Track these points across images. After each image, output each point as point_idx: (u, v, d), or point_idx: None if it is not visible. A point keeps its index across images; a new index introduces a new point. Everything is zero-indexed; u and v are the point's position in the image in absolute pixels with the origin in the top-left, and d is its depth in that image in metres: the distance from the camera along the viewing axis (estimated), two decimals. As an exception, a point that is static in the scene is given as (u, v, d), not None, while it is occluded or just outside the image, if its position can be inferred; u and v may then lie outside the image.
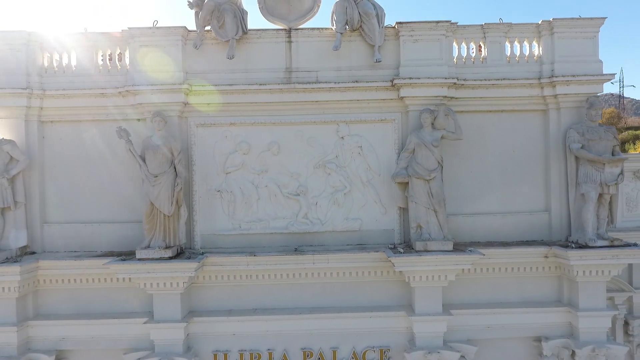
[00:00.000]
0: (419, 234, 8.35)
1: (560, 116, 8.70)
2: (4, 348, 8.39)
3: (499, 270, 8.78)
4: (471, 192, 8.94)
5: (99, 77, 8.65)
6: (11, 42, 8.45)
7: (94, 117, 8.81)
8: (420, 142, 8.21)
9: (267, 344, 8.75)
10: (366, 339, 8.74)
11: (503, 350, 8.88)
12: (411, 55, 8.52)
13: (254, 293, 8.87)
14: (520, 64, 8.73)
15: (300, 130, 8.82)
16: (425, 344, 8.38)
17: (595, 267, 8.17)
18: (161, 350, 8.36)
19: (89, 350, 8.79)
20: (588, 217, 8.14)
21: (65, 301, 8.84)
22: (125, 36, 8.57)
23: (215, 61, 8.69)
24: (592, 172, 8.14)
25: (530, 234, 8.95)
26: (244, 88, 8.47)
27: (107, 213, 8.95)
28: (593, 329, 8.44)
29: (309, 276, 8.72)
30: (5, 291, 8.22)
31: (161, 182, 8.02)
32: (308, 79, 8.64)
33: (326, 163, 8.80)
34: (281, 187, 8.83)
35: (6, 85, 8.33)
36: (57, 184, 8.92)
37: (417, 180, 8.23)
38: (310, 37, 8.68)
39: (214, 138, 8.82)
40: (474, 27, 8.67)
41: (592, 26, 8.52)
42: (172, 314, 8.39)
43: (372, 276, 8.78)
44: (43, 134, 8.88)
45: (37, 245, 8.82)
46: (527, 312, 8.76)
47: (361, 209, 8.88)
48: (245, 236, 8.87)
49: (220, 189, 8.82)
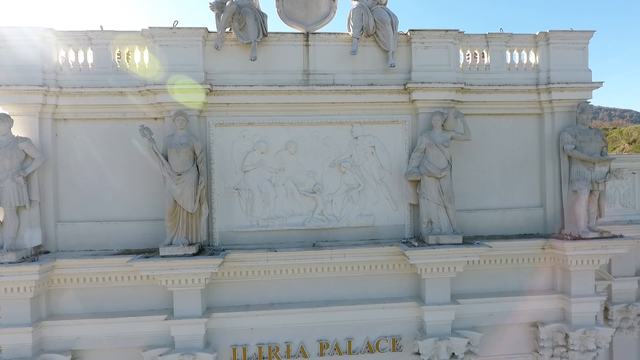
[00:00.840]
0: (430, 228, 8.89)
1: (554, 120, 9.51)
2: (18, 349, 8.24)
3: (500, 261, 9.47)
4: (474, 189, 9.59)
5: (117, 76, 8.65)
6: (27, 39, 8.31)
7: (110, 115, 8.79)
8: (431, 142, 8.76)
9: (284, 337, 9.04)
10: (379, 329, 9.20)
11: (503, 335, 9.59)
12: (422, 60, 9.06)
13: (270, 288, 9.13)
14: (520, 71, 9.47)
15: (316, 130, 9.17)
16: (435, 331, 8.94)
17: (586, 257, 9.01)
18: (182, 346, 8.47)
19: (103, 349, 8.77)
20: (580, 212, 8.96)
21: (78, 300, 8.76)
22: (144, 35, 8.62)
23: (234, 62, 8.90)
24: (584, 170, 8.97)
25: (527, 227, 9.71)
26: (264, 89, 8.72)
27: (122, 211, 8.95)
28: (584, 314, 9.29)
29: (324, 270, 9.08)
30: (21, 291, 8.10)
31: (184, 180, 8.15)
32: (325, 81, 9.01)
33: (341, 162, 9.20)
34: (298, 185, 9.15)
35: (22, 82, 8.19)
36: (70, 182, 8.83)
37: (428, 178, 8.78)
38: (326, 41, 9.04)
39: (232, 137, 9.02)
40: (478, 36, 9.32)
41: (583, 38, 9.38)
42: (193, 310, 8.53)
43: (384, 269, 9.25)
44: (56, 132, 8.77)
45: (51, 244, 8.70)
46: (525, 299, 9.50)
47: (374, 206, 9.34)
48: (263, 233, 9.12)
49: (239, 187, 9.03)
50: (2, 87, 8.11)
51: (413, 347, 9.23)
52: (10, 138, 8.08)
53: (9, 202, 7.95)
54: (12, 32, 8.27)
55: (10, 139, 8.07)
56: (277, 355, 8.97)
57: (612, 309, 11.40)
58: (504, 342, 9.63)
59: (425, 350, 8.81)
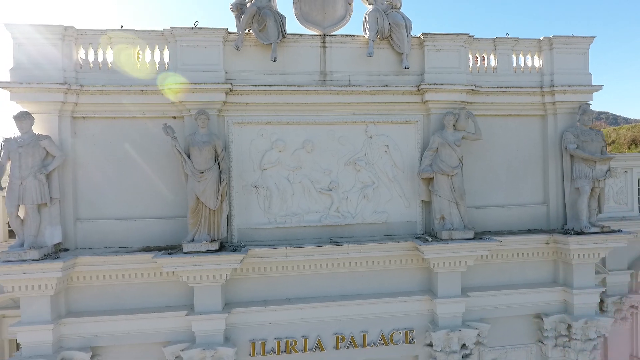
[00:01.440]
0: (442, 224, 9.26)
1: (557, 120, 10.00)
2: (38, 347, 8.24)
3: (506, 256, 9.90)
4: (482, 187, 10.00)
5: (138, 74, 8.73)
6: (47, 37, 8.33)
7: (130, 114, 8.87)
8: (444, 141, 9.13)
9: (301, 331, 9.27)
10: (392, 322, 9.52)
11: (509, 326, 10.03)
12: (434, 63, 9.42)
13: (288, 283, 9.34)
14: (525, 74, 9.93)
15: (332, 130, 9.44)
16: (447, 323, 9.31)
17: (588, 251, 9.52)
18: (202, 341, 8.62)
19: (122, 345, 8.83)
20: (582, 208, 9.46)
21: (96, 298, 8.80)
22: (165, 35, 8.74)
23: (253, 62, 9.09)
24: (586, 169, 9.47)
25: (531, 223, 10.18)
26: (282, 89, 8.94)
27: (141, 209, 9.03)
28: (585, 305, 9.80)
29: (340, 266, 9.34)
30: (42, 288, 8.12)
31: (207, 177, 8.30)
32: (341, 82, 9.28)
33: (356, 160, 9.48)
34: (314, 183, 9.39)
35: (43, 80, 8.22)
36: (89, 180, 8.87)
37: (441, 176, 9.14)
38: (343, 43, 9.32)
39: (250, 136, 9.21)
40: (487, 40, 9.74)
41: (584, 43, 9.90)
42: (213, 306, 8.68)
43: (397, 264, 9.57)
44: (74, 130, 8.80)
45: (70, 242, 8.73)
46: (530, 292, 9.95)
47: (387, 203, 9.65)
48: (280, 229, 9.33)
49: (257, 184, 9.22)
50: (23, 84, 8.11)
51: (425, 339, 9.59)
52: (32, 136, 8.10)
53: (31, 199, 7.96)
54: (32, 30, 8.27)
55: (32, 137, 8.09)
56: (294, 349, 9.19)
57: (607, 301, 12.01)
58: (509, 333, 10.07)
59: (438, 342, 9.17)
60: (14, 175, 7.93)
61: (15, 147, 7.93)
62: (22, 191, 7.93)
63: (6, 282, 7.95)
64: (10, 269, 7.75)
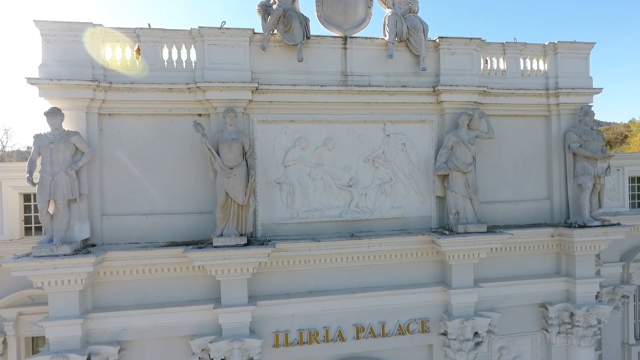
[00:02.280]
0: (456, 218, 9.73)
1: (560, 121, 10.64)
2: (66, 342, 8.31)
3: (512, 249, 10.46)
4: (491, 183, 10.54)
5: (165, 73, 8.89)
6: (75, 34, 8.40)
7: (157, 111, 9.01)
8: (458, 140, 9.61)
9: (323, 322, 9.59)
10: (409, 313, 9.94)
11: (516, 315, 10.60)
12: (449, 65, 9.90)
13: (309, 277, 9.65)
14: (531, 77, 10.53)
15: (352, 128, 9.80)
16: (460, 313, 9.80)
17: (590, 243, 10.18)
18: (229, 334, 8.83)
19: (148, 339, 8.95)
20: (585, 203, 10.11)
21: (122, 293, 8.91)
22: (193, 34, 8.92)
23: (278, 62, 9.36)
24: (588, 166, 10.12)
25: (536, 218, 10.78)
26: (306, 88, 9.24)
27: (166, 205, 9.18)
28: (586, 294, 10.46)
29: (359, 259, 9.70)
30: (71, 283, 8.20)
31: (236, 174, 8.53)
32: (361, 82, 9.65)
33: (375, 158, 9.87)
34: (335, 179, 9.73)
35: (71, 77, 8.28)
36: (115, 176, 8.96)
37: (456, 172, 9.62)
38: (363, 45, 9.69)
39: (273, 134, 9.47)
40: (497, 45, 10.29)
41: (585, 49, 10.57)
42: (240, 299, 8.92)
43: (413, 257, 10.00)
44: (100, 127, 8.88)
45: (97, 237, 8.81)
46: (535, 283, 10.56)
47: (404, 199, 10.08)
48: (302, 224, 9.63)
49: (280, 181, 9.49)
50: (53, 81, 8.16)
51: (439, 328, 10.05)
52: (62, 132, 8.16)
53: (63, 195, 8.03)
54: (61, 27, 8.34)
55: (62, 133, 8.15)
56: (316, 340, 9.51)
57: (601, 291, 12.74)
58: (516, 322, 10.65)
59: (453, 330, 9.65)
60: (45, 171, 7.99)
61: (47, 143, 7.99)
62: (54, 187, 8.00)
63: (36, 277, 7.99)
64: (43, 264, 7.81)
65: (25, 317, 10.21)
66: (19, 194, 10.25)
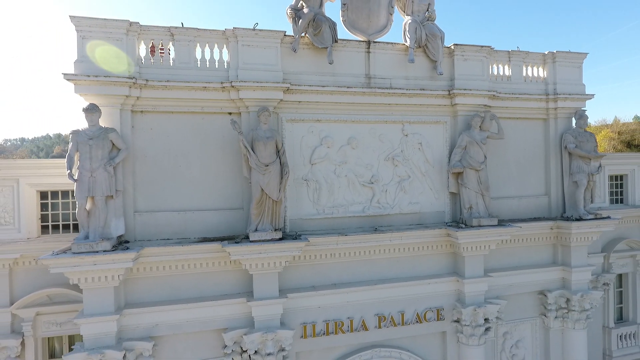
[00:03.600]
0: (469, 213, 10.47)
1: (557, 124, 11.64)
2: (101, 339, 8.32)
3: (515, 241, 11.33)
4: (496, 180, 11.36)
5: (199, 72, 9.05)
6: (111, 31, 8.42)
7: (189, 109, 9.15)
8: (472, 140, 10.35)
9: (347, 313, 10.05)
10: (425, 302, 10.58)
11: (517, 303, 11.48)
12: (462, 70, 10.63)
13: (333, 270, 10.08)
14: (533, 83, 11.47)
15: (373, 128, 10.32)
16: (472, 301, 10.54)
17: (585, 234, 11.22)
18: (261, 326, 9.12)
19: (180, 334, 9.07)
20: (580, 198, 11.14)
21: (153, 289, 8.98)
22: (227, 34, 9.13)
23: (306, 64, 9.74)
24: (582, 165, 11.16)
25: (536, 212, 11.74)
26: (333, 89, 9.67)
27: (197, 201, 9.32)
28: (580, 281, 11.50)
29: (379, 252, 10.24)
30: (108, 279, 8.23)
31: (270, 170, 8.83)
32: (383, 84, 10.19)
33: (394, 156, 10.44)
34: (358, 177, 10.22)
35: (109, 74, 8.31)
36: (147, 173, 9.02)
37: (469, 170, 10.36)
38: (384, 50, 10.23)
39: (301, 132, 9.83)
40: (503, 52, 11.14)
41: (579, 58, 11.63)
42: (272, 292, 9.22)
43: (428, 250, 10.65)
44: (132, 124, 8.92)
45: (130, 234, 8.84)
46: (535, 272, 11.50)
47: (420, 195, 10.71)
48: (328, 220, 10.04)
49: (307, 178, 9.87)
50: (90, 77, 8.16)
51: (452, 315, 10.76)
52: (100, 129, 8.18)
53: (101, 191, 8.05)
54: (98, 23, 8.34)
55: (100, 129, 8.17)
56: (342, 330, 9.95)
57: (586, 279, 13.90)
58: (517, 309, 11.54)
59: (467, 317, 10.37)
60: (84, 167, 7.98)
61: (86, 140, 7.98)
62: (92, 183, 8.00)
63: (74, 274, 7.97)
64: (83, 260, 7.81)
65: (42, 317, 9.99)
66: (36, 192, 10.02)
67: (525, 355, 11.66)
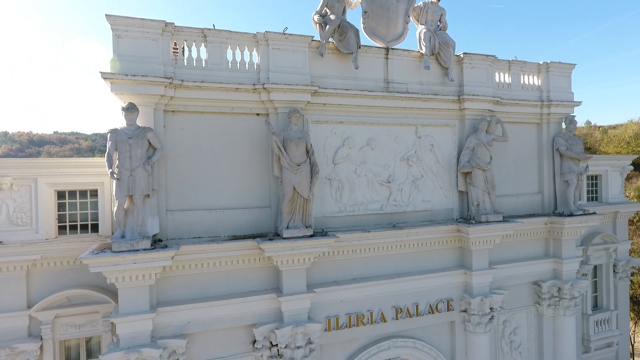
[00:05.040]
0: (477, 210, 11.27)
1: (549, 128, 12.72)
2: (137, 337, 8.35)
3: (512, 235, 12.25)
4: (497, 180, 12.20)
5: (230, 73, 9.23)
6: (147, 31, 8.46)
7: (219, 109, 9.31)
8: (479, 142, 11.16)
9: (366, 306, 10.55)
10: (437, 294, 11.28)
11: (514, 293, 12.43)
12: (470, 77, 11.43)
13: (353, 265, 10.55)
14: (530, 90, 12.48)
15: (390, 130, 10.89)
16: (479, 292, 11.35)
17: (575, 229, 12.33)
18: (290, 320, 9.44)
19: (208, 331, 9.21)
20: (571, 196, 12.25)
21: (185, 286, 9.09)
22: (258, 38, 9.37)
23: (331, 68, 10.15)
24: (572, 165, 12.28)
25: (531, 209, 12.76)
26: (356, 93, 10.15)
27: (227, 200, 9.49)
28: (570, 271, 12.63)
29: (394, 248, 10.80)
30: (145, 278, 8.28)
31: (302, 170, 9.17)
32: (400, 89, 10.79)
33: (409, 157, 11.06)
34: (376, 176, 10.74)
35: (143, 73, 8.35)
36: (178, 172, 9.10)
37: (477, 170, 11.16)
38: (401, 56, 10.83)
39: (324, 134, 10.23)
40: (504, 61, 12.06)
41: (569, 68, 12.77)
42: (300, 287, 9.56)
43: (438, 245, 11.35)
44: (164, 124, 8.98)
45: (162, 232, 8.88)
46: (530, 264, 12.51)
47: (431, 193, 11.39)
48: (349, 217, 10.50)
49: (330, 177, 10.28)
50: (127, 76, 8.18)
51: (460, 306, 11.52)
52: (138, 128, 8.21)
53: (140, 190, 8.09)
54: (134, 22, 8.35)
55: (138, 128, 8.20)
56: (362, 322, 10.44)
57: (568, 270, 15.16)
58: (515, 298, 12.49)
59: (475, 307, 11.16)
60: (123, 166, 8.00)
61: (125, 139, 8.00)
62: (132, 182, 8.04)
63: (112, 272, 7.96)
64: (124, 258, 7.84)
65: (61, 320, 9.75)
66: (54, 192, 9.77)
67: (521, 341, 12.64)
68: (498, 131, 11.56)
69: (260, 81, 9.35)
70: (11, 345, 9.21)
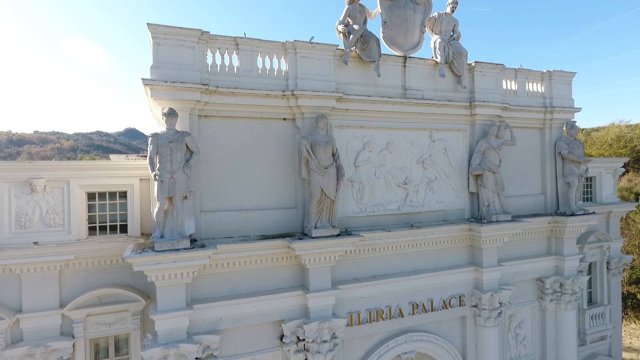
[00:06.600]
0: (487, 210, 11.91)
1: (552, 132, 13.47)
2: (174, 333, 8.69)
3: (518, 234, 12.96)
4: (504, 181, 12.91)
5: (261, 79, 9.64)
6: (185, 39, 8.81)
7: (249, 114, 9.72)
8: (489, 146, 11.81)
9: (385, 302, 11.07)
10: (449, 290, 11.88)
11: (521, 288, 13.14)
12: (481, 85, 12.07)
13: (371, 263, 11.06)
14: (535, 97, 13.20)
15: (407, 134, 11.45)
16: (489, 287, 11.99)
17: (576, 228, 13.10)
18: (316, 316, 9.89)
19: (240, 327, 9.60)
20: (572, 197, 13.01)
21: (216, 284, 9.46)
22: (286, 46, 9.81)
23: (353, 75, 10.65)
24: (574, 168, 13.04)
25: (534, 209, 13.48)
26: (376, 99, 10.68)
27: (256, 201, 9.90)
28: (571, 268, 13.39)
29: (410, 247, 11.35)
30: (183, 276, 8.63)
31: (329, 172, 9.64)
32: (417, 95, 11.36)
33: (424, 160, 11.64)
34: (394, 178, 11.28)
35: (180, 80, 8.70)
36: (210, 175, 9.47)
37: (488, 172, 11.80)
38: (418, 64, 11.40)
39: (346, 138, 10.73)
40: (511, 70, 12.75)
41: (570, 76, 13.54)
42: (326, 284, 10.02)
43: (450, 243, 11.96)
44: (198, 128, 9.34)
45: (196, 232, 9.23)
46: (534, 261, 13.22)
47: (444, 194, 12.00)
48: (369, 217, 11.01)
49: (352, 179, 10.78)
50: (167, 83, 8.52)
51: (471, 301, 12.14)
52: (177, 132, 8.56)
53: (180, 192, 8.44)
54: (173, 31, 8.70)
55: (177, 133, 8.55)
56: (382, 317, 10.96)
57: (566, 267, 15.97)
58: (520, 293, 13.19)
59: (485, 302, 11.79)
60: (164, 169, 8.34)
61: (166, 142, 8.35)
62: (172, 184, 8.38)
63: (153, 271, 8.29)
64: (166, 257, 8.18)
65: (92, 318, 9.99)
66: (85, 193, 10.01)
67: (526, 334, 13.34)
68: (507, 136, 12.24)
69: (289, 88, 9.79)
70: (45, 344, 9.42)
